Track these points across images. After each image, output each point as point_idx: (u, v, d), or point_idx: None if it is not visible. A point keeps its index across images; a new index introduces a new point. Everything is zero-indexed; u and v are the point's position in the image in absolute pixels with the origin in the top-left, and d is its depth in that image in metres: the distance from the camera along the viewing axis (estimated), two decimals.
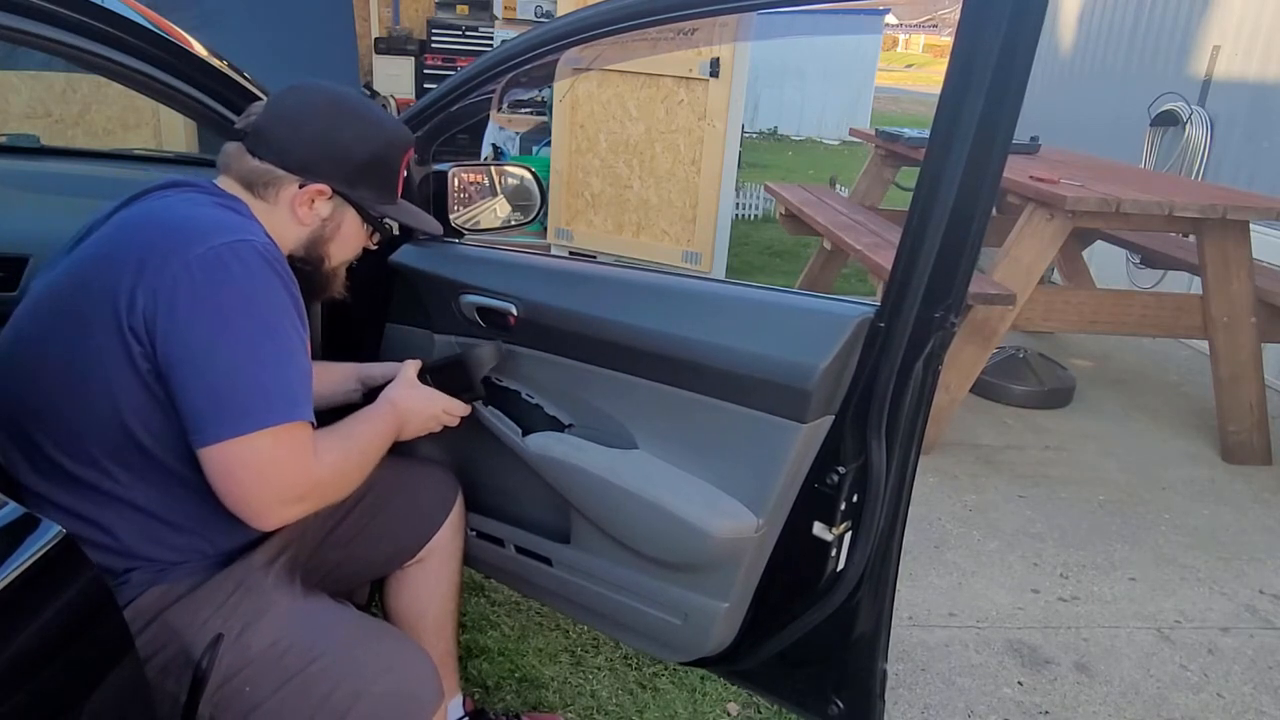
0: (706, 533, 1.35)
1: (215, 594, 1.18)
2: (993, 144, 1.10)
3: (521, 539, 1.64)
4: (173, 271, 1.08)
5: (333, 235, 1.30)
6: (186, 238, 1.11)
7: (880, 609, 1.37)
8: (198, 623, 1.15)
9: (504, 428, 1.57)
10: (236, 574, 1.21)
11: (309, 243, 1.29)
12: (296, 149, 1.23)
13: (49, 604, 0.77)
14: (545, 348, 1.51)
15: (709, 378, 1.33)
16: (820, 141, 12.81)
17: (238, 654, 1.15)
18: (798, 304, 1.33)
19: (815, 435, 1.29)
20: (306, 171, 1.24)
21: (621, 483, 1.42)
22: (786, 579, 1.42)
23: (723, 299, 1.39)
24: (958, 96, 1.09)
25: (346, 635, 1.22)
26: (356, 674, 1.17)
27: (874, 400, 1.25)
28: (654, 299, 1.42)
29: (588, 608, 1.61)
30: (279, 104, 1.26)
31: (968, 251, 1.15)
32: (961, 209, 1.13)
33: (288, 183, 1.24)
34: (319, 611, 1.25)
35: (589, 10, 1.37)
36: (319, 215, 1.27)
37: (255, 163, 1.23)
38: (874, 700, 1.40)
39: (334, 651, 1.17)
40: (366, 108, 1.30)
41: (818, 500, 1.32)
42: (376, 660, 1.19)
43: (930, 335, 1.20)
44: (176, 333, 1.08)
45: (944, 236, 1.15)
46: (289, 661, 1.15)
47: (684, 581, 1.45)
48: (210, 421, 1.08)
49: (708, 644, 1.48)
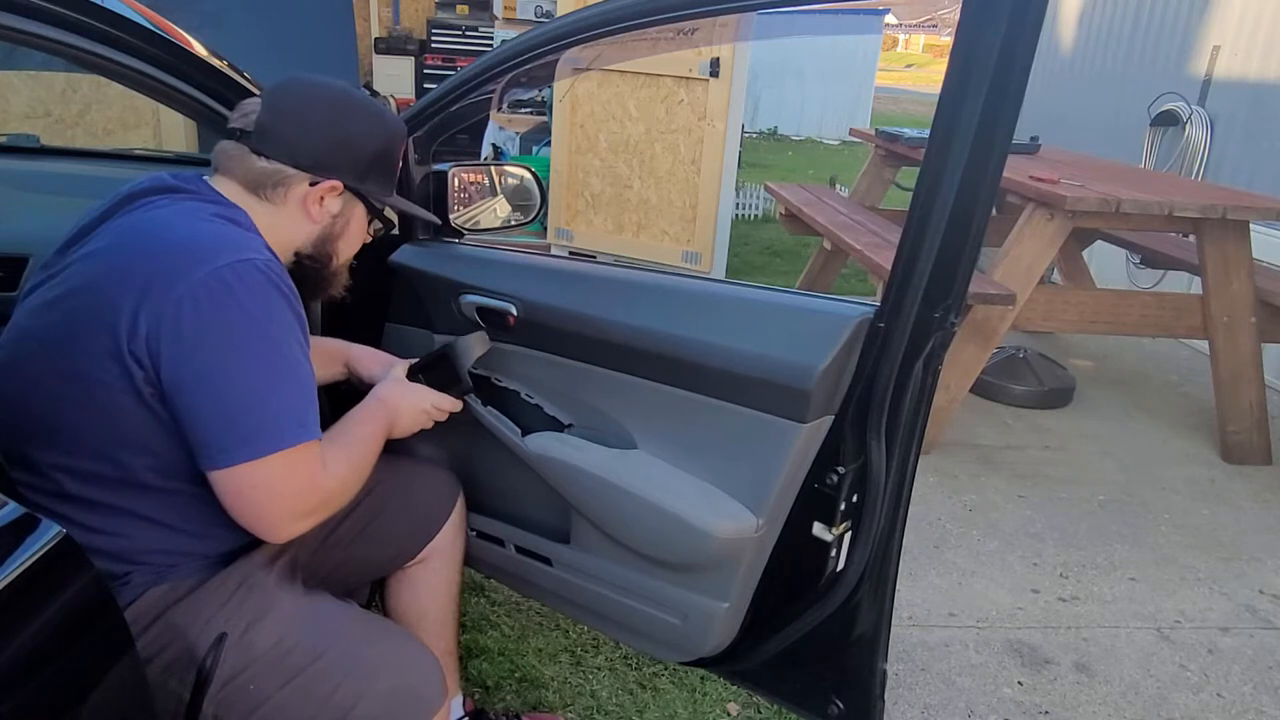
0: (707, 533, 1.35)
1: (218, 593, 1.18)
2: (993, 144, 1.09)
3: (521, 539, 1.64)
4: (177, 295, 1.06)
5: (342, 231, 1.29)
6: (190, 260, 1.09)
7: (880, 609, 1.36)
8: (201, 622, 1.15)
9: (503, 427, 1.57)
10: (239, 573, 1.21)
11: (319, 240, 1.28)
12: (305, 146, 1.21)
13: (48, 604, 0.77)
14: (545, 347, 1.50)
15: (708, 378, 1.33)
16: (820, 141, 12.81)
17: (241, 653, 1.14)
18: (797, 304, 1.33)
19: (815, 435, 1.29)
20: (318, 168, 1.22)
21: (621, 482, 1.42)
22: (786, 579, 1.42)
23: (722, 299, 1.38)
24: (957, 96, 1.09)
25: (351, 633, 1.22)
26: (361, 672, 1.17)
27: (874, 400, 1.24)
28: (653, 299, 1.42)
29: (588, 608, 1.60)
30: (281, 100, 1.23)
31: (968, 251, 1.15)
32: (961, 209, 1.12)
33: (298, 181, 1.22)
34: (323, 610, 1.25)
35: (590, 10, 1.37)
36: (329, 212, 1.26)
37: (263, 163, 1.21)
38: (874, 700, 1.40)
39: (338, 650, 1.18)
40: (367, 100, 1.29)
41: (817, 500, 1.32)
42: (381, 659, 1.19)
43: (930, 335, 1.20)
44: (183, 358, 1.07)
45: (944, 236, 1.14)
46: (293, 660, 1.15)
47: (684, 582, 1.44)
48: (221, 446, 1.08)
49: (708, 644, 1.48)
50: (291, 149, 1.21)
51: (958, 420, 3.33)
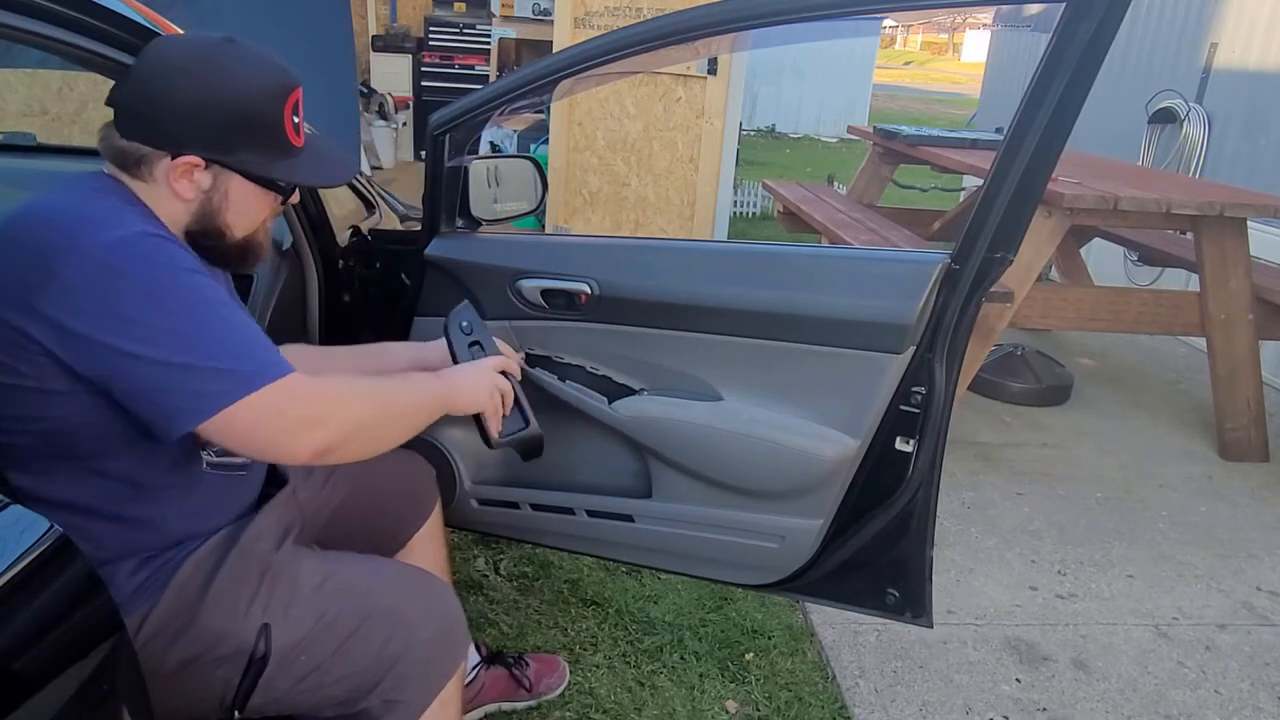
0: (817, 457, 1.56)
1: (244, 587, 1.20)
2: (1064, 121, 1.33)
3: (594, 504, 1.75)
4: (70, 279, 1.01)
5: (223, 205, 1.17)
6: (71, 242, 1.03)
7: (929, 505, 1.58)
8: (239, 618, 1.18)
9: (587, 398, 1.68)
10: (255, 564, 1.23)
11: (200, 217, 1.17)
12: (159, 120, 1.11)
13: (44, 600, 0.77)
14: (620, 320, 1.63)
15: (806, 327, 1.53)
16: (818, 139, 12.81)
17: (288, 634, 1.19)
18: (884, 256, 1.62)
19: (904, 363, 1.51)
20: (173, 143, 1.12)
21: (729, 427, 1.60)
22: (866, 491, 1.60)
23: (813, 259, 1.61)
24: (1045, 85, 1.32)
25: (388, 591, 1.28)
26: (406, 625, 1.25)
27: (941, 328, 1.48)
28: (742, 265, 1.61)
29: (674, 552, 1.74)
30: (137, 70, 1.13)
31: (1029, 208, 1.40)
32: (1031, 174, 1.36)
33: (158, 158, 1.12)
34: (355, 573, 1.30)
35: (645, 25, 1.48)
36: (200, 188, 1.15)
37: (122, 141, 1.13)
38: (925, 583, 1.61)
39: (382, 610, 1.25)
40: (232, 59, 1.14)
41: (899, 418, 1.54)
42: (420, 611, 1.28)
43: (990, 273, 1.44)
44: (98, 342, 1.02)
45: (1014, 195, 1.38)
46: (340, 628, 1.22)
47: (782, 508, 1.63)
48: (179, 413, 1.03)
49: (800, 561, 1.67)
50: (146, 125, 1.11)
51: (956, 418, 3.30)
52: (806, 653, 2.10)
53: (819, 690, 1.98)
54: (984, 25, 28.44)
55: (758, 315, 1.56)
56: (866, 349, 1.51)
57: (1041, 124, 1.33)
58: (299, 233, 1.79)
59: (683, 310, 1.59)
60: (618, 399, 1.67)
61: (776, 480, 1.61)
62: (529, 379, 1.68)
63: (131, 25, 1.27)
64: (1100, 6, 1.26)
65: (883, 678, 2.03)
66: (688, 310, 1.59)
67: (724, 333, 1.58)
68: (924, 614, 1.63)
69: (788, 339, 1.55)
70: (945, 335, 1.49)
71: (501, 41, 7.15)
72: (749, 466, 1.61)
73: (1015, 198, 1.39)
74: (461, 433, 1.79)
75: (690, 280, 1.60)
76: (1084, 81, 1.30)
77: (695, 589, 2.26)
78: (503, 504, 1.81)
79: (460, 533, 2.30)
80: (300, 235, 1.79)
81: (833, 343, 1.52)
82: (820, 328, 1.52)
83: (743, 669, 2.02)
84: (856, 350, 1.51)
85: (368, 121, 6.77)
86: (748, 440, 1.59)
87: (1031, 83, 1.33)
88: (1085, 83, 1.30)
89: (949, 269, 1.47)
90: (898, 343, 1.49)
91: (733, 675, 2.00)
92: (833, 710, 1.93)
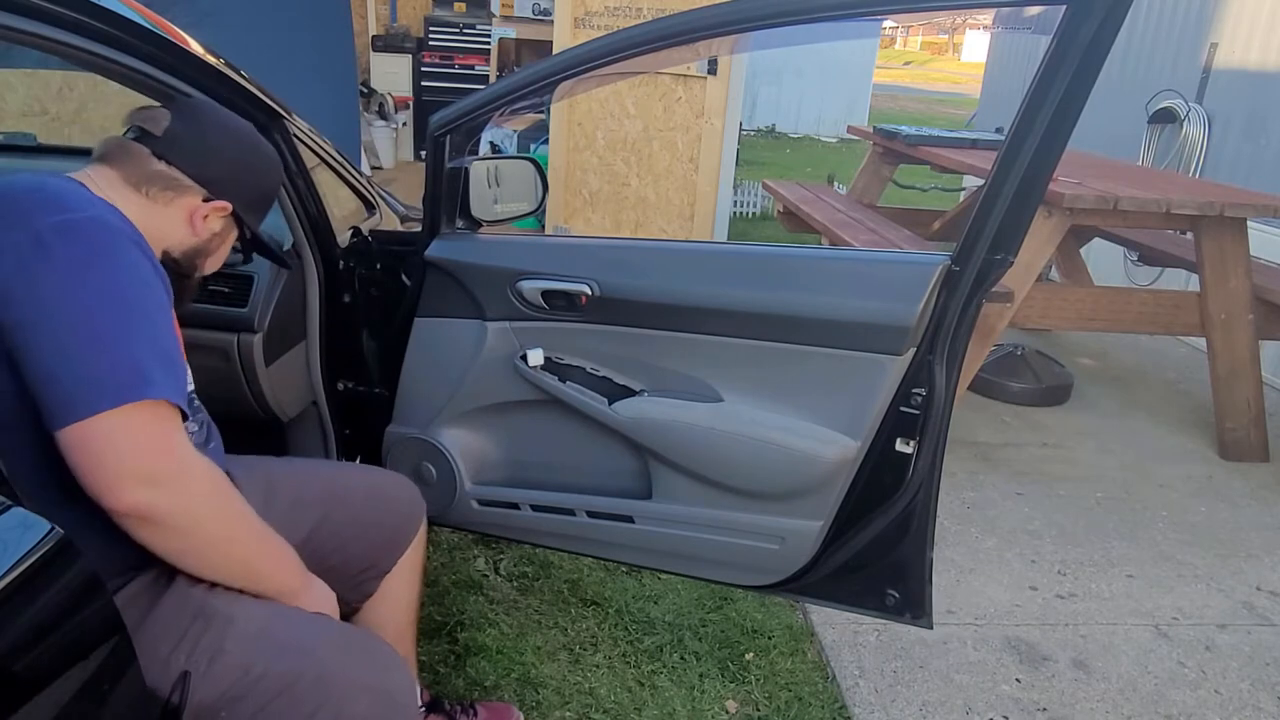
0: (817, 458, 1.56)
1: (170, 628, 1.12)
2: (1064, 122, 1.34)
3: (594, 505, 1.75)
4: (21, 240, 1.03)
5: (214, 249, 1.33)
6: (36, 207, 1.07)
7: (928, 507, 1.58)
8: (159, 661, 1.08)
9: (587, 399, 1.68)
10: (190, 602, 1.14)
11: (191, 251, 1.29)
12: (213, 165, 1.26)
13: (43, 601, 0.77)
14: (621, 321, 1.63)
15: (808, 329, 1.53)
16: (818, 139, 12.81)
17: (210, 687, 1.10)
18: (885, 258, 1.61)
19: (904, 365, 1.52)
20: (216, 187, 1.27)
21: (730, 429, 1.60)
22: (865, 493, 1.60)
23: (815, 260, 1.61)
24: (1045, 86, 1.32)
25: (322, 652, 1.17)
26: (338, 694, 1.14)
27: (941, 330, 1.49)
28: (744, 267, 1.61)
29: (673, 554, 1.74)
30: (196, 116, 1.29)
31: (1029, 210, 1.40)
32: (1031, 176, 1.37)
33: (193, 193, 1.25)
34: (288, 628, 1.18)
35: (646, 26, 1.49)
36: (211, 229, 1.29)
37: (161, 166, 1.22)
38: (925, 584, 1.61)
39: (312, 673, 1.14)
40: (269, 145, 1.39)
41: (898, 420, 1.54)
42: (356, 681, 1.17)
43: (990, 274, 1.45)
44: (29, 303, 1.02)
45: (1014, 198, 1.39)
46: (265, 686, 1.11)
47: (782, 509, 1.63)
48: (61, 400, 1.00)
49: (800, 562, 1.66)
50: (198, 163, 1.25)
51: (956, 418, 3.30)
52: (806, 653, 2.10)
53: (819, 690, 1.98)
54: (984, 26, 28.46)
55: (758, 317, 1.56)
56: (867, 350, 1.51)
57: (1042, 125, 1.34)
58: (299, 233, 1.78)
59: (683, 311, 1.60)
60: (618, 400, 1.67)
61: (777, 481, 1.62)
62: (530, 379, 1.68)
63: (131, 26, 1.27)
64: (1101, 8, 1.26)
65: (883, 678, 2.03)
66: (688, 311, 1.60)
67: (724, 334, 1.58)
68: (924, 615, 1.63)
69: (788, 340, 1.55)
70: (945, 337, 1.49)
71: (501, 41, 7.15)
72: (749, 468, 1.62)
73: (1016, 199, 1.39)
74: (462, 433, 1.80)
75: (691, 282, 1.60)
76: (1085, 83, 1.30)
77: (695, 589, 2.26)
78: (503, 505, 1.81)
79: (460, 533, 2.30)
80: (300, 236, 1.79)
81: (833, 344, 1.53)
82: (820, 329, 1.53)
83: (743, 669, 2.02)
84: (857, 352, 1.52)
85: (368, 121, 6.77)
86: (748, 441, 1.59)
87: (1032, 84, 1.33)
88: (1086, 84, 1.30)
89: (949, 270, 1.47)
90: (898, 344, 1.49)
91: (733, 675, 2.00)
92: (833, 710, 1.93)
